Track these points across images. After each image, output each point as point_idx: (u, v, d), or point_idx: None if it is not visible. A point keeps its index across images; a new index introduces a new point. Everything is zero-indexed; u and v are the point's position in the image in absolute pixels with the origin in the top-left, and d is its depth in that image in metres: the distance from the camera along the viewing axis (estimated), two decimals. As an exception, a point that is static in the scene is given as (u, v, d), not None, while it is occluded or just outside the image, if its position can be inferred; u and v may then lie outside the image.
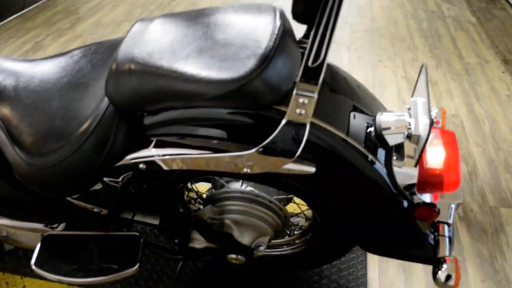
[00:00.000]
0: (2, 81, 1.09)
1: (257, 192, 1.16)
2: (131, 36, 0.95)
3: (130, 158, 0.98)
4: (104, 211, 1.16)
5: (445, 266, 0.96)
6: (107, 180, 1.08)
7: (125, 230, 1.23)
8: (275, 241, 1.36)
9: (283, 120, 0.82)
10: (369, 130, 0.98)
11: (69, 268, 1.12)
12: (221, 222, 1.21)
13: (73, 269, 1.12)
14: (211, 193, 1.24)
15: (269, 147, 0.85)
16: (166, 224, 1.24)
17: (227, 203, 1.19)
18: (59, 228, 1.25)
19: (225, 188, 1.21)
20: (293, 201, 1.30)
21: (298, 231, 1.36)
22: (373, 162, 0.93)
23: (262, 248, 1.21)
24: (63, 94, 1.07)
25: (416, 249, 1.02)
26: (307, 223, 1.35)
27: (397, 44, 3.10)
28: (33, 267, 1.12)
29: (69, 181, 1.04)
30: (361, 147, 0.92)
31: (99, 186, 1.10)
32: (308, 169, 0.90)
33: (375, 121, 0.96)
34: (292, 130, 0.83)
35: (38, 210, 1.21)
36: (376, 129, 0.95)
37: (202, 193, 1.40)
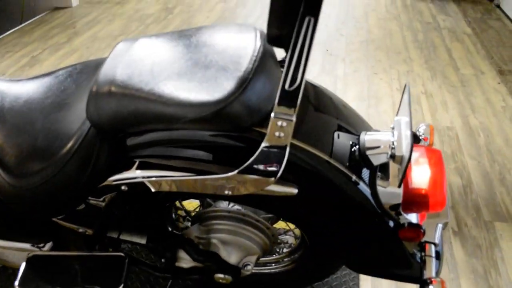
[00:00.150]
0: None
1: (244, 211, 1.15)
2: (113, 57, 0.95)
3: (112, 179, 0.98)
4: (89, 232, 1.15)
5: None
6: (91, 200, 1.07)
7: (110, 250, 1.22)
8: (263, 259, 1.35)
9: (263, 143, 0.81)
10: (354, 149, 0.97)
11: (54, 289, 1.11)
12: (208, 241, 1.20)
13: (57, 290, 1.10)
14: (198, 211, 1.23)
15: (250, 169, 0.85)
16: (153, 243, 1.22)
17: (213, 222, 1.18)
18: (46, 247, 1.24)
19: (212, 207, 1.20)
20: (281, 218, 1.28)
21: (287, 249, 1.35)
22: (357, 182, 0.92)
23: (249, 267, 1.20)
24: (47, 115, 1.07)
25: (402, 269, 1.01)
26: (296, 241, 1.33)
27: (393, 56, 3.10)
28: None
29: (52, 202, 1.03)
30: (345, 168, 0.92)
31: (83, 206, 1.09)
32: (290, 190, 0.89)
33: (359, 140, 0.95)
34: (272, 152, 0.82)
35: (23, 230, 1.20)
36: (360, 148, 0.95)
37: (191, 210, 1.39)
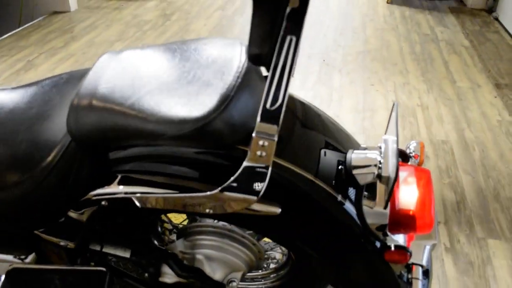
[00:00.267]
0: None
1: (229, 226, 1.13)
2: (96, 70, 0.93)
3: (93, 194, 0.96)
4: (70, 245, 1.12)
5: (416, 311, 0.92)
6: (72, 213, 1.05)
7: (92, 264, 1.20)
8: (250, 274, 1.33)
9: (244, 162, 0.79)
10: (340, 167, 0.95)
11: (33, 303, 1.08)
12: (192, 256, 1.18)
13: (36, 304, 1.08)
14: (183, 226, 1.21)
15: (231, 187, 0.83)
16: (136, 257, 1.20)
17: (198, 237, 1.16)
18: (28, 259, 1.22)
19: (197, 221, 1.18)
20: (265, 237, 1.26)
21: (274, 265, 1.33)
22: (342, 202, 0.90)
23: (234, 284, 1.18)
24: (30, 125, 1.05)
25: (389, 291, 0.99)
26: (283, 257, 1.31)
27: (389, 67, 3.09)
28: None
29: (32, 215, 1.01)
30: (330, 187, 0.89)
31: (64, 219, 1.07)
32: (273, 210, 0.87)
33: (346, 158, 0.93)
34: (254, 171, 0.80)
35: (4, 241, 1.18)
36: (346, 167, 0.93)
37: (177, 224, 1.36)
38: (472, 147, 2.29)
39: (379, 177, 0.89)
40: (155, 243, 1.25)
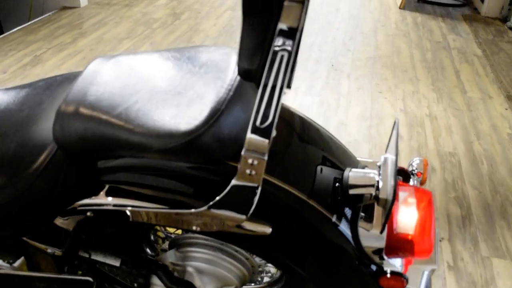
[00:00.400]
0: None
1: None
2: (85, 75, 0.90)
3: (79, 204, 0.93)
4: (58, 252, 1.09)
5: None
6: (59, 221, 1.02)
7: (80, 273, 1.17)
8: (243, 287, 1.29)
9: (233, 180, 0.75)
10: (336, 186, 0.91)
11: (17, 311, 1.06)
12: (183, 268, 1.14)
13: (20, 313, 1.06)
14: (176, 235, 1.17)
15: (219, 205, 0.79)
16: (127, 266, 1.17)
17: (190, 249, 1.13)
18: (16, 264, 1.19)
19: (190, 233, 1.15)
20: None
21: (268, 279, 1.29)
22: (336, 224, 0.86)
23: (226, 298, 1.14)
24: (20, 128, 1.02)
25: (384, 317, 0.94)
26: (278, 271, 1.27)
27: (399, 74, 3.03)
28: None
29: (17, 221, 0.98)
30: (324, 208, 0.85)
31: (51, 226, 1.04)
32: (263, 229, 0.83)
33: (343, 177, 0.89)
34: (243, 190, 0.76)
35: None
36: (342, 185, 0.88)
37: (171, 233, 1.33)
38: (480, 161, 2.23)
39: (377, 198, 0.85)
40: (147, 251, 1.22)
